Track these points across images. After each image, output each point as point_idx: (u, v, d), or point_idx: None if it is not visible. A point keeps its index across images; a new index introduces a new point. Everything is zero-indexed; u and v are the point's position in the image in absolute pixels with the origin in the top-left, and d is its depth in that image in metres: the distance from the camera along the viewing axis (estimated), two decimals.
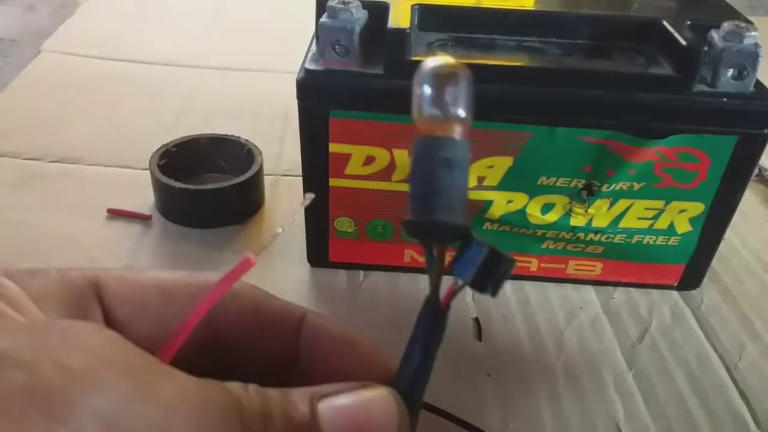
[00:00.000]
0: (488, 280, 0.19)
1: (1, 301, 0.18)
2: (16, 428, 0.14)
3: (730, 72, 0.34)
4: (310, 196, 0.20)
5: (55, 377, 0.15)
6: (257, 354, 0.22)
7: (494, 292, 0.19)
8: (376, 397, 0.19)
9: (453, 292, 0.19)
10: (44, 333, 0.16)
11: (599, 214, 0.37)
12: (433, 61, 0.19)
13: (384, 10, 0.35)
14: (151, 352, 0.17)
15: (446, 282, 0.20)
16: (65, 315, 0.20)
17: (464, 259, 0.19)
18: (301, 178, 0.38)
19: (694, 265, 0.40)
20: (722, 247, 0.40)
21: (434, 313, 0.20)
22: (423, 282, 0.40)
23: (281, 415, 0.18)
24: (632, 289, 0.42)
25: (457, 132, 0.19)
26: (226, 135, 0.48)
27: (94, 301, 0.21)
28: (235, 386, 0.18)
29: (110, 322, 0.21)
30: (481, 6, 0.38)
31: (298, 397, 0.18)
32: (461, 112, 0.19)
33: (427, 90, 0.19)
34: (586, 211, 0.37)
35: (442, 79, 0.19)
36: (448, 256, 0.20)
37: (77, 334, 0.16)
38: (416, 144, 0.20)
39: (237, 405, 0.17)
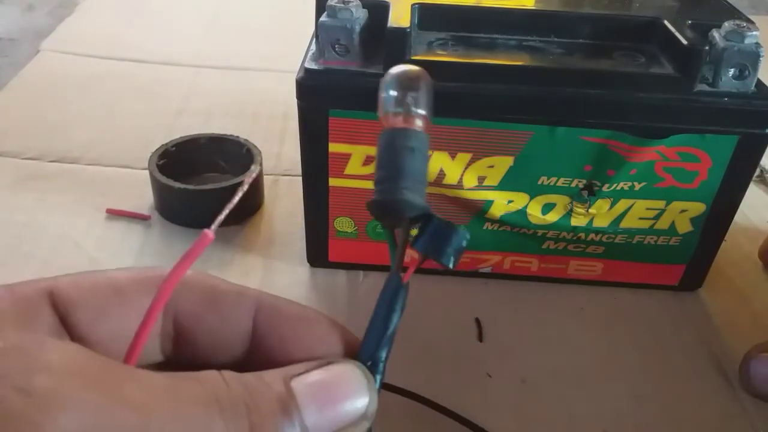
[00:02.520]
0: (445, 251, 0.21)
1: None
2: None
3: (731, 72, 0.34)
4: (255, 168, 0.21)
5: (20, 404, 0.14)
6: (216, 341, 0.22)
7: (453, 263, 0.21)
8: (343, 371, 0.20)
9: (414, 268, 0.21)
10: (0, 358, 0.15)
11: (600, 214, 0.37)
12: (397, 68, 0.22)
13: (384, 9, 0.35)
14: (115, 354, 0.17)
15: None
16: (20, 331, 0.19)
17: (424, 236, 0.22)
18: (301, 177, 0.38)
19: (695, 266, 0.40)
20: (723, 248, 0.40)
21: (396, 288, 0.21)
22: (423, 282, 0.40)
23: (259, 397, 0.18)
24: (633, 290, 0.41)
25: (418, 126, 0.22)
26: (226, 135, 0.48)
27: (49, 312, 0.20)
28: (209, 375, 0.18)
29: (69, 329, 0.20)
30: (482, 5, 0.38)
31: (273, 378, 0.19)
32: (422, 111, 0.22)
33: (392, 93, 0.22)
34: (587, 211, 0.37)
35: (405, 83, 0.22)
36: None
37: (34, 354, 0.16)
38: (383, 136, 0.22)
39: (212, 394, 0.17)
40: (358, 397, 0.20)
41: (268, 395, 0.18)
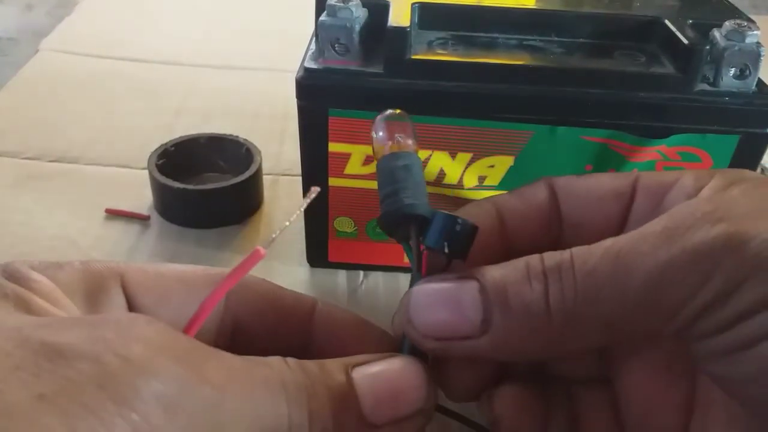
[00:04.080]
0: (454, 243, 0.23)
1: (36, 294, 0.19)
2: (95, 418, 0.15)
3: (732, 71, 0.33)
4: (316, 189, 0.24)
5: (119, 367, 0.16)
6: (274, 342, 0.24)
7: (463, 255, 0.23)
8: (403, 364, 0.21)
9: (429, 263, 0.24)
10: (100, 327, 0.17)
11: None
12: (383, 114, 0.27)
13: (384, 8, 0.35)
14: None
15: None
16: (91, 304, 0.21)
17: (431, 231, 0.23)
18: (301, 177, 0.38)
19: None
20: None
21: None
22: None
23: (320, 384, 0.19)
24: None
25: (407, 148, 0.26)
26: (225, 134, 0.48)
27: (118, 291, 0.22)
28: (275, 360, 0.19)
29: (133, 310, 0.22)
30: (482, 4, 0.37)
31: (334, 367, 0.20)
32: (408, 139, 0.26)
33: (381, 133, 0.26)
34: None
35: (390, 123, 0.26)
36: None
37: (131, 327, 0.17)
38: (380, 162, 0.25)
39: (280, 378, 0.19)
40: (417, 391, 0.21)
41: (329, 383, 0.19)
